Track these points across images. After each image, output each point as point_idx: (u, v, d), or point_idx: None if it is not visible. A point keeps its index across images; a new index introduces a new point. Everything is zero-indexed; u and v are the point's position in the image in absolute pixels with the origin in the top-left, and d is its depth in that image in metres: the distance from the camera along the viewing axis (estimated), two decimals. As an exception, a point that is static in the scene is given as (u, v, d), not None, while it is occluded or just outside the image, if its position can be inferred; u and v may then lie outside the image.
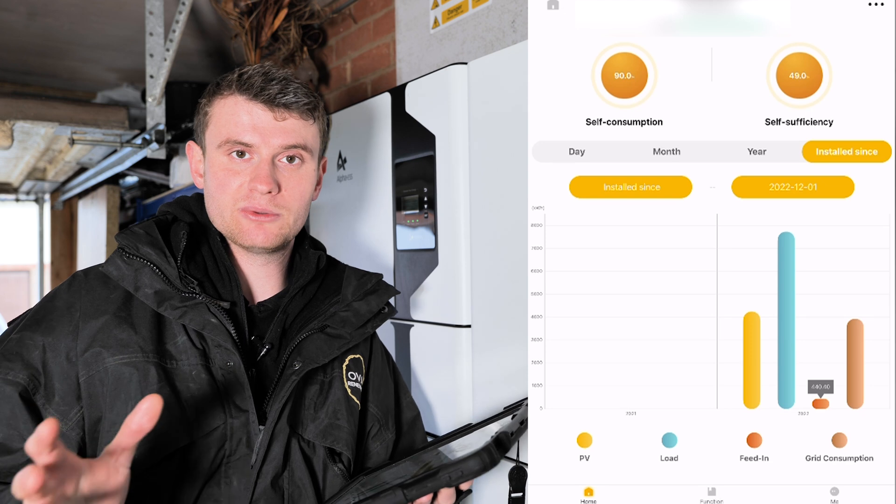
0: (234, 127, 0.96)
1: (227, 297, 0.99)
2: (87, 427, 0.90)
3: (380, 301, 1.08)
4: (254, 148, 0.97)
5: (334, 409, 1.01)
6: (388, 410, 1.12)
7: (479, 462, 0.79)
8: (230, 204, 0.98)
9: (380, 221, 1.49)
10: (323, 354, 1.00)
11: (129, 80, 3.41)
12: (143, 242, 0.95)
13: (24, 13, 2.58)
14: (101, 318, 0.92)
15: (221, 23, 2.69)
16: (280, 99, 0.96)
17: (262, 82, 0.97)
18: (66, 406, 0.89)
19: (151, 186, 3.33)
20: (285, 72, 1.00)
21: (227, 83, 0.99)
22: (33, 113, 2.45)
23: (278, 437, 0.94)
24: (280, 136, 0.97)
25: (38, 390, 0.89)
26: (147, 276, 0.94)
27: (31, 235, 5.00)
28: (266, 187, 0.96)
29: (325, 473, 0.99)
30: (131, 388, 0.89)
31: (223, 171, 0.98)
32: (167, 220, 1.02)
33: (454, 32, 1.87)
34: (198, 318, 0.93)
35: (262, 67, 0.99)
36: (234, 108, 0.97)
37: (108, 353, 0.90)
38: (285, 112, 0.97)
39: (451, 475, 0.79)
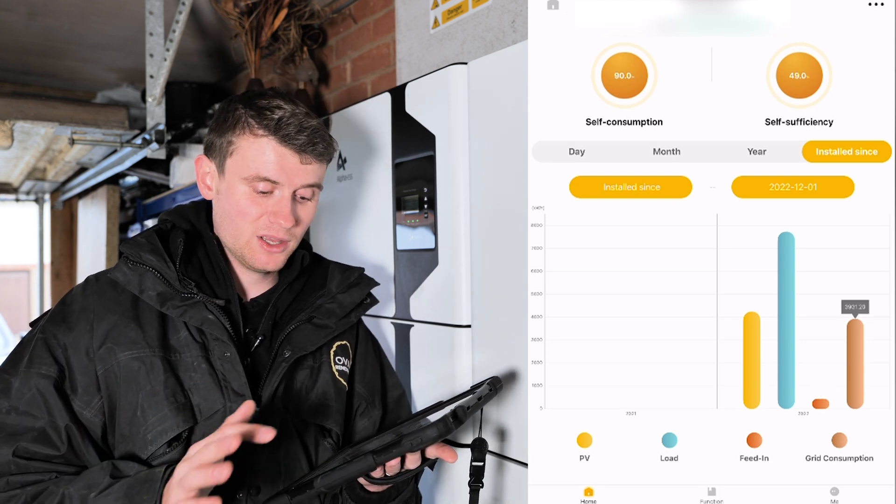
0: (265, 166, 1.07)
1: (222, 295, 1.11)
2: (106, 413, 1.02)
3: (362, 292, 1.22)
4: (278, 185, 1.08)
5: (323, 390, 1.14)
6: (375, 390, 1.25)
7: (435, 430, 0.91)
8: (249, 230, 1.09)
9: (380, 221, 1.49)
10: (310, 342, 1.12)
11: (129, 80, 3.41)
12: (145, 250, 1.08)
13: (24, 13, 2.58)
14: (113, 318, 1.05)
15: (221, 23, 2.69)
16: (308, 148, 1.08)
17: (296, 131, 1.07)
18: (89, 396, 1.02)
19: (151, 186, 3.32)
20: (316, 122, 1.10)
21: (264, 126, 1.07)
22: (33, 113, 2.45)
23: (272, 416, 1.06)
24: (302, 176, 1.09)
25: (65, 382, 1.02)
26: (150, 280, 1.06)
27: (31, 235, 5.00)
28: (288, 224, 1.08)
29: (317, 447, 1.12)
30: (140, 378, 1.02)
31: (246, 200, 1.08)
32: (166, 228, 1.14)
33: (454, 32, 1.87)
34: (197, 316, 1.05)
35: (296, 117, 1.08)
36: (265, 148, 1.07)
37: (120, 350, 1.03)
38: (311, 158, 1.09)
39: (412, 442, 0.92)
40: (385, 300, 1.47)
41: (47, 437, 0.98)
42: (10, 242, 8.87)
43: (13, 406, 0.99)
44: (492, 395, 1.03)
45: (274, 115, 1.07)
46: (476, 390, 1.05)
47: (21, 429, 0.98)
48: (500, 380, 1.08)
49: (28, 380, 1.00)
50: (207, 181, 1.15)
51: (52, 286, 4.49)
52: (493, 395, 1.04)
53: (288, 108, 1.09)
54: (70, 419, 0.99)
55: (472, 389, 1.07)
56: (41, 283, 5.01)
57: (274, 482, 1.06)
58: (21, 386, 1.00)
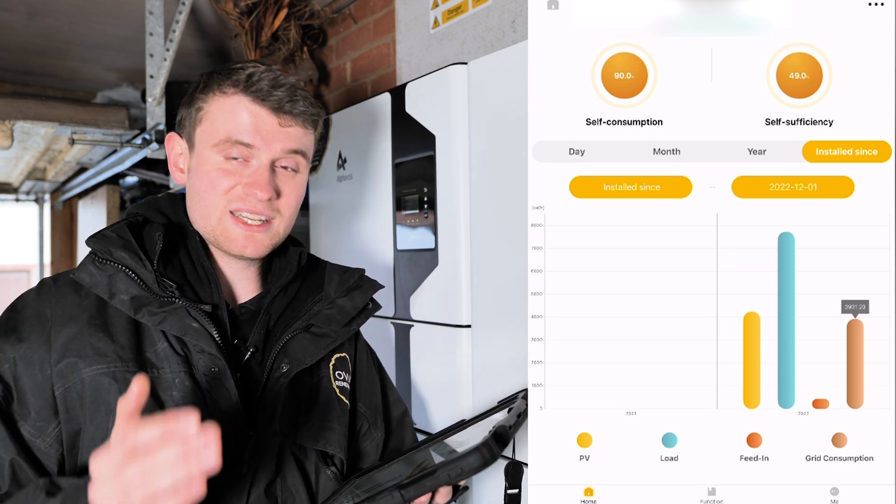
0: (236, 126, 0.93)
1: (207, 300, 0.95)
2: (65, 442, 0.86)
3: (364, 297, 1.06)
4: (253, 150, 0.94)
5: (324, 410, 0.98)
6: (377, 409, 1.10)
7: (479, 458, 0.76)
8: (220, 205, 0.94)
9: (380, 221, 1.49)
10: (310, 355, 0.97)
11: (129, 80, 3.41)
12: (117, 246, 0.91)
13: (24, 13, 2.58)
14: (74, 326, 0.88)
15: (221, 23, 2.69)
16: (287, 106, 0.94)
17: (270, 85, 0.94)
18: (43, 422, 0.85)
19: (151, 186, 3.33)
20: (293, 78, 0.97)
21: (233, 82, 0.94)
22: (33, 113, 2.45)
23: (269, 442, 0.91)
24: (283, 140, 0.95)
25: (12, 405, 0.85)
26: (122, 281, 0.89)
27: (31, 235, 5.01)
28: (265, 194, 0.93)
29: (318, 477, 0.96)
30: (111, 399, 0.84)
31: (216, 171, 0.94)
32: (138, 221, 0.97)
33: (454, 32, 1.87)
34: (178, 324, 0.89)
35: (271, 72, 0.96)
36: (236, 107, 0.93)
37: (84, 364, 0.86)
38: (290, 119, 0.95)
39: (451, 473, 0.76)
40: (385, 300, 1.47)
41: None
42: (10, 242, 8.88)
43: None
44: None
45: (245, 70, 0.94)
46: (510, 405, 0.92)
47: None
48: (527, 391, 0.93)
49: None
50: (180, 163, 1.00)
51: (52, 286, 4.49)
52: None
53: (263, 68, 0.95)
54: (17, 451, 0.82)
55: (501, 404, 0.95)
56: (41, 283, 5.01)
57: None
58: None
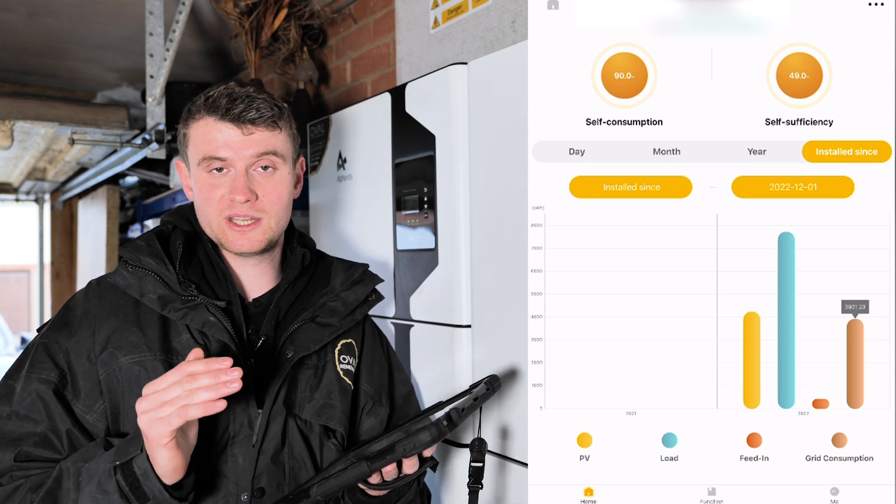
0: (209, 145, 1.07)
1: (223, 296, 1.10)
2: (110, 417, 1.03)
3: (366, 289, 1.20)
4: (228, 161, 1.07)
5: (328, 390, 1.13)
6: (382, 387, 1.24)
7: (428, 435, 0.90)
8: (216, 215, 1.09)
9: (380, 221, 1.49)
10: (314, 342, 1.11)
11: (129, 80, 3.41)
12: (145, 254, 1.07)
13: (24, 13, 2.58)
14: (114, 322, 1.05)
15: (221, 23, 2.69)
16: (245, 116, 1.06)
17: (227, 103, 1.06)
18: (91, 400, 1.02)
19: (151, 186, 3.32)
20: (247, 89, 1.09)
21: (197, 107, 1.09)
22: (33, 113, 2.45)
23: (276, 417, 1.06)
24: (250, 146, 1.07)
25: (67, 387, 1.02)
26: (150, 283, 1.06)
27: (31, 235, 5.01)
28: (243, 197, 1.06)
29: (322, 448, 1.11)
30: (142, 382, 0.99)
31: (206, 186, 1.09)
32: (168, 230, 1.14)
33: (454, 32, 1.87)
34: (198, 318, 1.04)
35: (227, 88, 1.09)
36: (206, 128, 1.08)
37: (121, 354, 1.03)
38: (252, 127, 1.07)
39: (405, 447, 0.91)
40: (385, 300, 1.47)
41: (48, 441, 0.99)
42: (10, 242, 8.89)
43: (14, 411, 1.00)
44: (489, 394, 1.02)
45: (208, 94, 1.09)
46: (473, 390, 1.04)
47: (22, 433, 0.99)
48: (498, 378, 1.07)
49: (28, 385, 1.01)
50: (188, 183, 1.16)
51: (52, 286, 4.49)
52: (490, 394, 1.02)
53: (223, 88, 1.09)
54: (72, 423, 1.00)
55: (470, 389, 1.07)
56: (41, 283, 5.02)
57: (279, 485, 1.06)
58: (22, 391, 1.00)
